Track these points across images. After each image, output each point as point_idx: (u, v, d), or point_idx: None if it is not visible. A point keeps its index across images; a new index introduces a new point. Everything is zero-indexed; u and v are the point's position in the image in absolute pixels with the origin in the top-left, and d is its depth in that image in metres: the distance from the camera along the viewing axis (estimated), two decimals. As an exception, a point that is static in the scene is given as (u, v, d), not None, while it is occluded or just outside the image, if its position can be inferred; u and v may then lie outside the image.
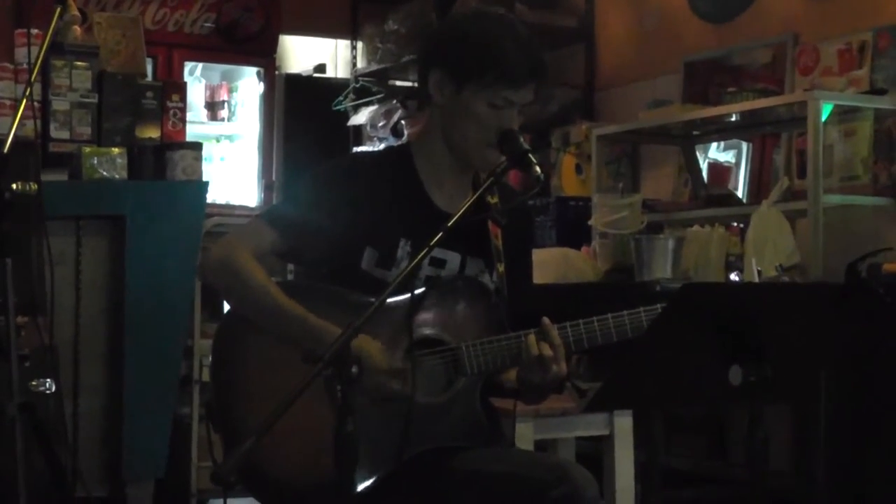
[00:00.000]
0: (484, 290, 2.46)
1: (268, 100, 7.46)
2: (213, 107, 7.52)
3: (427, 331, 2.39)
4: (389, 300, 2.14)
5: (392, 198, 2.47)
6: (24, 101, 2.97)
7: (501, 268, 2.51)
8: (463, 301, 2.43)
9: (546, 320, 2.36)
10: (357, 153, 4.93)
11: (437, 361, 2.39)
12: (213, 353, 2.45)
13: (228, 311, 2.49)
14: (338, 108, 7.44)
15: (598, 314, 2.43)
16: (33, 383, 3.16)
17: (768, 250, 4.40)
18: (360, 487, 2.25)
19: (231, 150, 7.54)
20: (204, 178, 4.36)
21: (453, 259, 2.50)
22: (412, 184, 2.51)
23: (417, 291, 2.40)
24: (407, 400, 2.29)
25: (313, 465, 2.25)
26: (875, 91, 4.66)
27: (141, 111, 4.38)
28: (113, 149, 4.23)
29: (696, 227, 4.79)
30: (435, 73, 2.45)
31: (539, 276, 4.61)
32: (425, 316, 2.39)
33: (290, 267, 3.53)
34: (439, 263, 2.49)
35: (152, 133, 4.39)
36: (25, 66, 4.19)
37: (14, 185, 2.81)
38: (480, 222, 2.47)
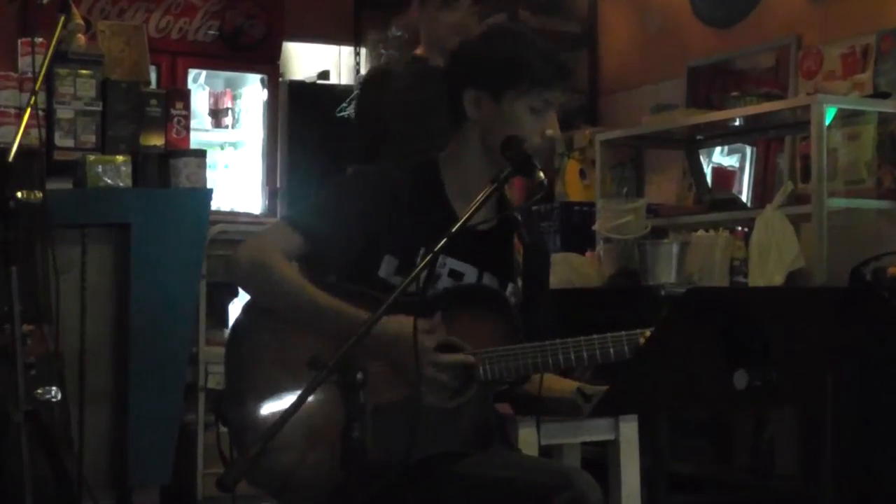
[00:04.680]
0: (501, 300, 2.48)
1: (272, 107, 7.47)
2: (216, 114, 7.53)
3: (443, 336, 2.40)
4: (408, 303, 2.17)
5: (415, 208, 2.49)
6: (29, 109, 2.98)
7: (519, 283, 2.55)
8: (480, 309, 2.46)
9: None
10: (384, 164, 4.97)
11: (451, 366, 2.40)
12: (228, 349, 2.46)
13: (245, 308, 2.49)
14: (342, 114, 7.45)
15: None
16: (39, 391, 3.17)
17: (773, 254, 4.40)
18: (367, 489, 2.26)
19: (235, 158, 7.54)
20: (208, 186, 4.37)
21: (470, 272, 2.54)
22: (437, 196, 2.54)
23: (435, 290, 2.43)
24: (419, 395, 2.30)
25: (322, 465, 2.27)
26: (878, 94, 4.66)
27: (145, 119, 4.38)
28: (117, 157, 4.23)
29: (700, 232, 4.79)
30: (469, 92, 2.52)
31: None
32: (441, 321, 2.40)
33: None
34: (457, 276, 2.52)
35: (156, 141, 4.40)
36: (30, 74, 4.20)
37: (19, 194, 2.82)
38: (501, 239, 2.53)
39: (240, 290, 2.56)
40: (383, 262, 2.47)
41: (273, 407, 2.32)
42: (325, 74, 7.88)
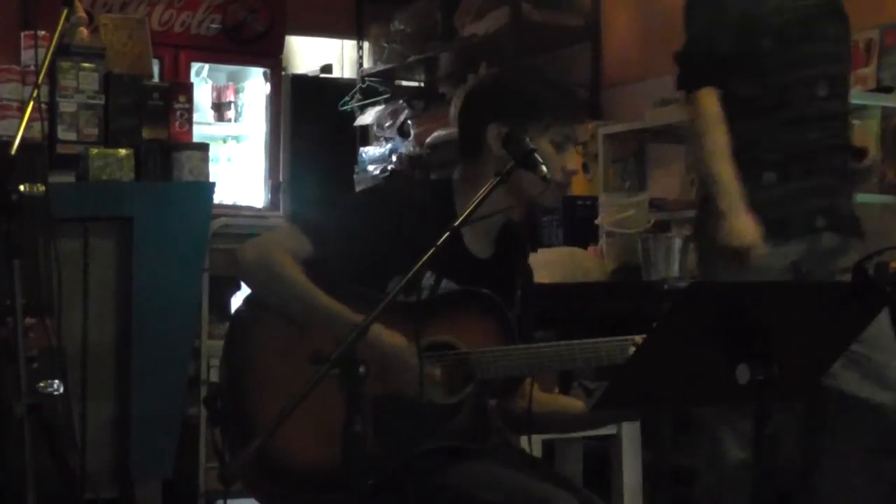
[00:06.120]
0: (496, 304, 2.50)
1: (274, 100, 7.48)
2: (219, 108, 7.54)
3: (439, 336, 2.43)
4: (405, 305, 2.22)
5: (426, 231, 2.49)
6: (32, 102, 2.98)
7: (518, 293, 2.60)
8: (476, 312, 2.48)
9: None
10: (400, 185, 4.88)
11: (446, 364, 2.42)
12: (226, 347, 2.48)
13: (241, 306, 2.51)
14: (344, 108, 7.45)
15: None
16: (41, 384, 3.17)
17: (775, 249, 4.39)
18: (362, 483, 2.27)
19: (237, 151, 7.55)
20: (210, 179, 4.37)
21: None
22: (448, 221, 2.53)
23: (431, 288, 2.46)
24: (417, 398, 2.32)
25: (322, 457, 2.29)
26: (882, 89, 4.65)
27: (147, 112, 4.39)
28: (120, 150, 4.24)
29: (703, 226, 4.78)
30: (493, 127, 2.53)
31: (546, 276, 4.59)
32: (438, 322, 2.43)
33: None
34: None
35: (159, 134, 4.40)
36: (32, 68, 4.20)
37: (21, 187, 2.82)
38: (502, 266, 2.59)
39: (242, 283, 2.56)
40: (391, 282, 2.48)
41: (272, 402, 2.33)
42: (327, 68, 7.88)
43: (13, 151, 2.84)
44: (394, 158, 6.97)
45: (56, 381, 3.19)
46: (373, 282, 2.47)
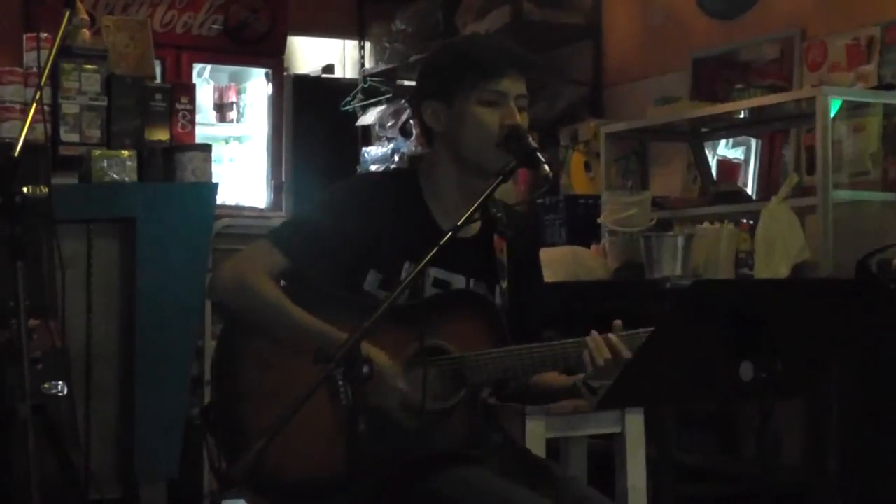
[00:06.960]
0: (487, 304, 2.50)
1: (276, 101, 7.48)
2: (221, 108, 7.54)
3: (431, 340, 2.41)
4: (396, 307, 2.17)
5: (397, 221, 2.49)
6: (34, 104, 2.98)
7: (505, 284, 2.55)
8: (467, 313, 2.47)
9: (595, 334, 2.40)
10: (363, 176, 4.92)
11: (439, 370, 2.41)
12: (216, 358, 2.48)
13: (230, 316, 2.50)
14: (346, 108, 7.45)
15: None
16: (45, 386, 3.17)
17: (778, 246, 4.40)
18: (365, 483, 2.27)
19: (240, 152, 7.56)
20: (213, 180, 4.37)
21: (458, 281, 2.54)
22: (418, 208, 2.54)
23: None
24: (418, 411, 2.32)
25: (315, 463, 2.30)
26: (883, 86, 4.65)
27: (150, 113, 4.39)
28: (122, 151, 4.24)
29: (705, 224, 4.79)
30: (426, 107, 2.54)
31: (549, 275, 4.58)
32: (429, 325, 2.41)
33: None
34: (444, 285, 2.52)
35: (161, 135, 4.40)
36: (35, 69, 4.20)
37: (25, 189, 2.82)
38: (486, 244, 2.54)
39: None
40: (368, 276, 2.48)
41: (263, 412, 2.32)
42: (329, 68, 7.89)
43: (16, 153, 2.84)
44: (396, 158, 6.97)
45: (60, 383, 3.20)
46: (350, 278, 2.46)
